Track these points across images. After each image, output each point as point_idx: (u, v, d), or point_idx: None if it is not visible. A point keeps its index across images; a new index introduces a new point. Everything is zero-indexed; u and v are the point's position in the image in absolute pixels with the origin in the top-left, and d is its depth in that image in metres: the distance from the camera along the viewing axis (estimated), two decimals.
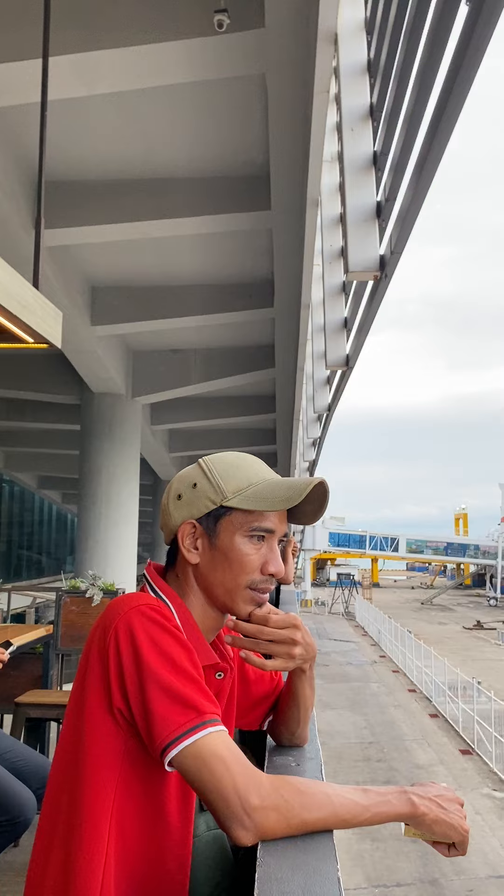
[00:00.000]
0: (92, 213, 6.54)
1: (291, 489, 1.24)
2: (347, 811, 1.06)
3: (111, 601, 1.20)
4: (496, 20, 1.78)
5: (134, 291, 8.65)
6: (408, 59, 2.86)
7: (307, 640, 1.30)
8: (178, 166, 6.42)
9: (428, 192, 2.93)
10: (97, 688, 1.11)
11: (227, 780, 1.02)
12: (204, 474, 1.29)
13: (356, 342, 5.70)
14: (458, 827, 1.12)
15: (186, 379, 10.66)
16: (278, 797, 1.03)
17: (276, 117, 4.99)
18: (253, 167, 6.24)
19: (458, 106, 2.27)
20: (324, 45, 3.54)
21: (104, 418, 10.49)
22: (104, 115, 5.62)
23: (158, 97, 5.33)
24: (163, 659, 1.09)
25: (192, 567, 1.29)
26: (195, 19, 4.35)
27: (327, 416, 10.40)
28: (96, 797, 1.09)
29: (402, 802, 1.10)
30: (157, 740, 1.05)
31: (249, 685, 1.46)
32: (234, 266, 8.20)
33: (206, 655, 1.25)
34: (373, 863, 14.16)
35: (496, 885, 13.79)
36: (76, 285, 8.03)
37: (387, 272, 3.61)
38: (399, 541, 77.87)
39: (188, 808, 1.17)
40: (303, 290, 6.44)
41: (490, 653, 39.67)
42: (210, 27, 4.19)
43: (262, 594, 1.27)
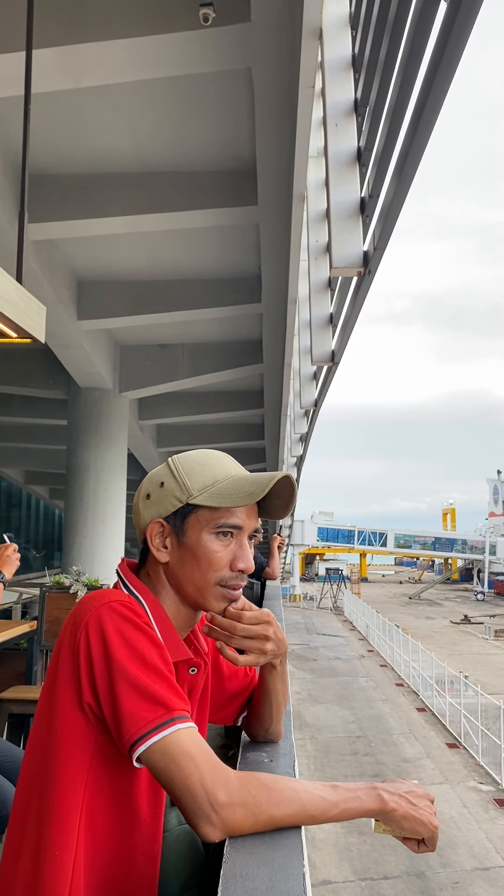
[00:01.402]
0: (78, 207, 6.50)
1: (255, 484, 1.25)
2: (316, 807, 1.06)
3: (83, 597, 1.20)
4: (474, 19, 1.79)
5: (121, 286, 8.62)
6: (390, 54, 2.86)
7: (279, 636, 1.30)
8: (164, 160, 6.39)
9: (410, 188, 2.93)
10: (67, 683, 1.11)
11: (195, 776, 1.02)
12: (171, 473, 1.30)
13: (341, 338, 5.71)
14: (428, 823, 1.13)
15: (174, 374, 10.63)
16: (246, 793, 1.03)
17: (263, 112, 4.98)
18: (240, 162, 6.23)
19: (439, 102, 2.27)
20: (309, 40, 3.54)
21: (91, 413, 10.44)
22: (91, 109, 5.59)
23: (145, 91, 5.31)
24: (132, 655, 1.09)
25: (163, 565, 1.29)
26: (181, 13, 4.33)
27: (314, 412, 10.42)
28: (66, 792, 1.09)
29: (371, 798, 1.10)
30: (126, 736, 1.06)
31: (223, 681, 1.47)
32: (221, 261, 8.19)
33: (178, 651, 1.25)
34: (360, 856, 14.25)
35: (482, 878, 13.92)
36: (63, 279, 7.99)
37: (370, 268, 3.61)
38: (387, 536, 78.18)
39: (158, 804, 1.18)
40: (289, 285, 6.44)
41: (477, 647, 39.95)
42: (196, 21, 4.17)
43: (232, 591, 1.28)
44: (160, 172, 6.48)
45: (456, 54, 1.96)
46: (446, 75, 2.10)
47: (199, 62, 4.71)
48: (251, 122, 5.37)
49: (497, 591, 72.27)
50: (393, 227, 3.33)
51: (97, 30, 4.45)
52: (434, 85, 2.18)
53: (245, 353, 10.42)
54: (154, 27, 4.43)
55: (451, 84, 2.12)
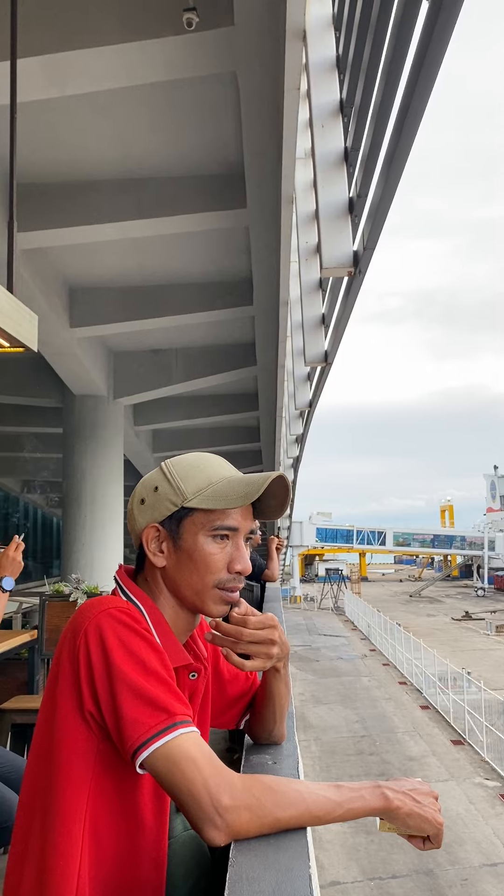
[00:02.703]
0: (68, 214, 6.50)
1: (250, 485, 1.25)
2: (320, 808, 1.06)
3: (81, 605, 1.19)
4: (455, 17, 1.79)
5: (113, 292, 8.62)
6: (374, 54, 2.87)
7: (283, 640, 1.31)
8: (153, 166, 6.39)
9: (397, 187, 2.94)
10: (68, 691, 1.11)
11: (199, 780, 1.02)
12: (165, 477, 1.29)
13: (334, 338, 5.72)
14: (433, 820, 1.13)
15: (168, 379, 10.63)
16: (250, 796, 1.03)
17: (249, 115, 4.99)
18: (228, 165, 6.24)
19: (423, 101, 2.28)
20: (292, 42, 3.55)
21: (86, 421, 10.44)
22: (78, 116, 5.59)
23: (132, 97, 5.31)
24: (132, 661, 1.09)
25: (160, 570, 1.29)
26: (165, 19, 4.34)
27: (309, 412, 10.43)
28: (70, 801, 1.09)
29: (375, 797, 1.10)
30: (128, 743, 1.05)
31: (225, 685, 1.46)
32: (212, 264, 8.19)
33: (178, 656, 1.25)
34: (368, 856, 14.24)
35: (490, 874, 13.92)
36: (54, 287, 7.99)
37: (360, 268, 3.62)
38: (386, 534, 78.18)
39: (163, 810, 1.17)
40: (281, 287, 6.45)
41: (479, 643, 39.97)
42: (180, 26, 4.17)
43: (230, 593, 1.28)
44: (149, 178, 6.48)
45: (439, 53, 1.97)
46: (430, 74, 2.11)
47: (184, 67, 4.72)
48: (238, 125, 5.38)
49: (497, 586, 72.34)
50: (382, 226, 3.34)
51: (81, 37, 4.45)
52: (418, 84, 2.18)
53: (238, 355, 10.43)
54: (138, 33, 4.44)
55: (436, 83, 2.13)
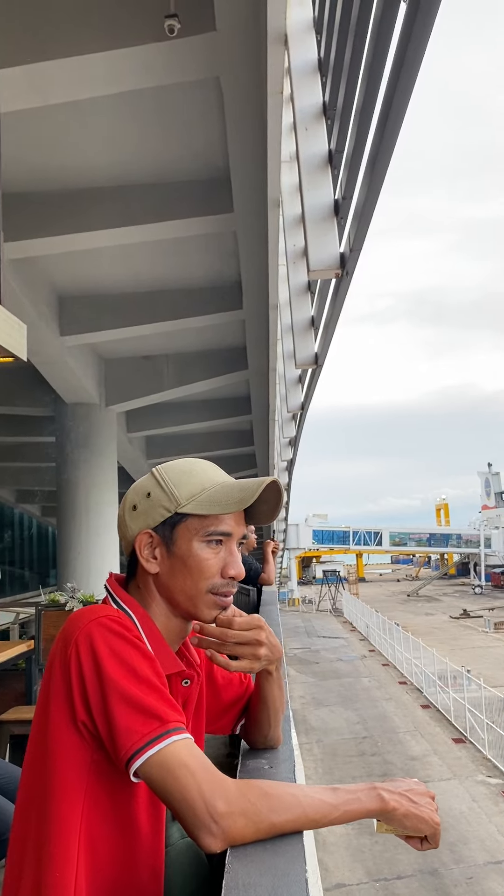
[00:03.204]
0: (55, 223, 6.49)
1: (244, 490, 1.25)
2: (316, 811, 1.06)
3: (72, 614, 1.19)
4: (433, 19, 1.80)
5: (102, 300, 8.61)
6: (355, 57, 2.88)
7: (272, 641, 1.30)
8: (139, 173, 6.39)
9: (381, 188, 2.95)
10: (60, 702, 1.10)
11: (193, 787, 1.02)
12: (157, 483, 1.29)
13: (324, 340, 5.72)
14: (430, 820, 1.13)
15: (160, 385, 10.62)
16: (245, 802, 1.02)
17: (233, 119, 5.00)
18: (214, 170, 6.24)
19: (404, 103, 2.29)
20: (274, 46, 3.55)
21: (79, 429, 10.41)
22: (62, 125, 5.59)
23: (116, 104, 5.31)
24: (124, 669, 1.09)
25: (153, 576, 1.29)
26: (146, 26, 4.34)
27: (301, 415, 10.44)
28: (65, 811, 1.09)
29: (371, 799, 1.10)
30: (122, 751, 1.05)
31: (219, 690, 1.46)
32: (201, 270, 8.19)
33: (170, 664, 1.25)
34: (373, 857, 14.23)
35: (495, 871, 13.92)
36: (43, 296, 7.97)
37: (347, 269, 3.62)
38: (382, 534, 78.27)
39: (158, 818, 1.17)
40: (270, 290, 6.45)
41: (478, 640, 40.03)
42: (161, 33, 4.18)
43: (224, 598, 1.28)
44: (135, 185, 6.48)
45: (418, 54, 1.98)
46: (410, 75, 2.12)
47: (167, 73, 4.72)
48: (223, 129, 5.38)
49: (494, 583, 72.50)
50: (367, 227, 3.35)
51: (63, 46, 4.45)
52: (399, 85, 2.19)
53: (230, 360, 10.43)
54: (120, 41, 4.44)
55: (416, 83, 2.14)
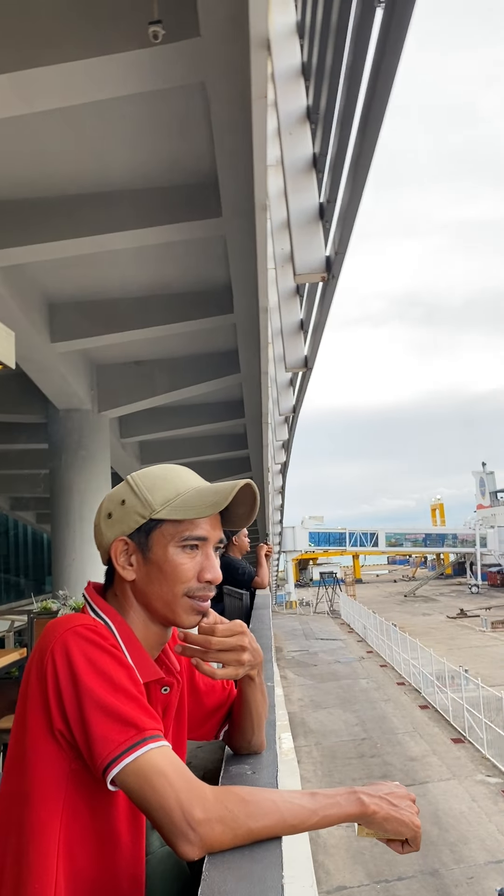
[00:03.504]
0: (44, 230, 6.49)
1: (219, 494, 1.25)
2: (295, 816, 1.06)
3: (47, 624, 1.19)
4: (407, 23, 1.81)
5: (93, 306, 8.60)
6: (336, 61, 2.89)
7: (254, 646, 1.30)
8: (128, 178, 6.40)
9: (364, 191, 2.96)
10: (38, 711, 1.10)
11: (170, 794, 1.02)
12: (131, 490, 1.29)
13: (313, 343, 5.73)
14: (410, 823, 1.13)
15: (152, 390, 10.62)
16: (223, 808, 1.03)
17: (219, 124, 5.00)
18: (202, 175, 6.25)
19: (383, 105, 2.29)
20: (257, 51, 3.56)
21: (72, 435, 10.40)
22: (48, 132, 5.59)
23: (103, 110, 5.31)
24: (100, 678, 1.09)
25: (130, 584, 1.29)
26: (131, 32, 4.34)
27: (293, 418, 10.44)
28: (43, 820, 1.08)
29: (350, 803, 1.10)
30: (98, 760, 1.05)
31: (201, 696, 1.46)
32: (191, 274, 8.20)
33: (149, 671, 1.25)
34: (373, 858, 14.22)
35: (496, 870, 13.93)
36: (33, 303, 7.97)
37: (333, 272, 3.63)
38: (378, 535, 78.36)
39: (138, 827, 1.17)
40: (259, 294, 6.45)
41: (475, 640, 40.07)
42: (146, 39, 4.18)
43: (201, 602, 1.28)
44: (124, 191, 6.49)
45: (394, 59, 1.98)
46: (387, 79, 2.13)
47: (152, 79, 4.73)
48: (209, 134, 5.39)
49: (491, 582, 72.61)
50: (351, 230, 3.36)
51: (48, 53, 4.45)
52: (377, 88, 2.20)
53: (221, 364, 10.43)
54: (105, 48, 4.45)
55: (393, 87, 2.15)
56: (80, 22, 4.46)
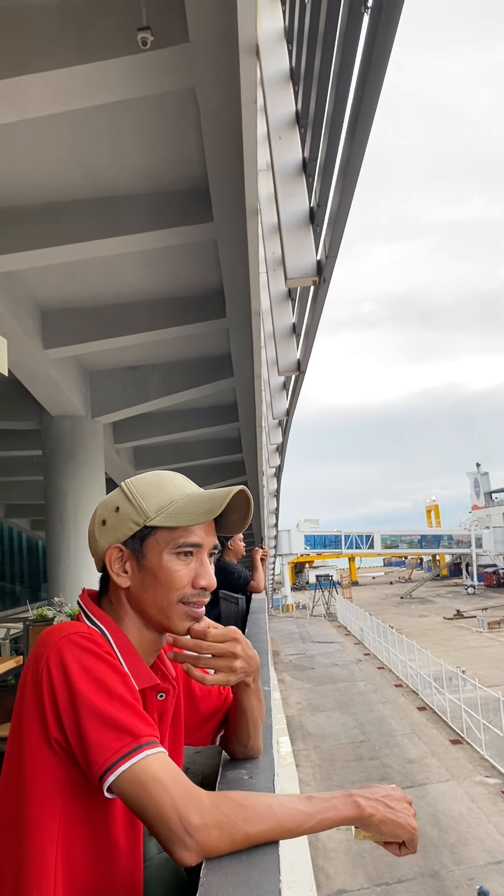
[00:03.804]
0: (36, 236, 6.48)
1: (213, 501, 1.26)
2: (291, 820, 1.06)
3: (42, 632, 1.19)
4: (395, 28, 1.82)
5: (85, 312, 8.59)
6: (324, 66, 2.90)
7: (248, 653, 1.30)
8: (118, 184, 6.40)
9: (354, 194, 2.97)
10: (34, 720, 1.10)
11: (167, 801, 1.02)
12: (125, 497, 1.29)
13: (305, 346, 5.74)
14: (406, 825, 1.13)
15: (146, 395, 10.61)
16: (219, 814, 1.03)
17: (210, 129, 5.01)
18: (193, 180, 6.26)
19: (372, 110, 2.30)
20: (246, 57, 3.58)
21: (65, 441, 10.37)
22: (40, 138, 5.59)
23: (93, 117, 5.32)
24: (95, 686, 1.09)
25: (124, 591, 1.29)
26: (120, 39, 4.36)
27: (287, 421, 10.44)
28: (41, 829, 1.08)
29: (347, 806, 1.10)
30: (95, 767, 1.05)
31: (197, 702, 1.46)
32: (183, 279, 8.21)
33: (144, 678, 1.25)
34: (373, 861, 14.20)
35: (496, 871, 13.93)
36: (26, 310, 7.96)
37: (325, 276, 3.64)
38: (374, 537, 78.39)
39: (136, 833, 1.17)
40: (252, 298, 6.47)
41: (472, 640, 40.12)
42: (135, 45, 4.19)
43: (196, 608, 1.28)
44: (115, 196, 6.49)
45: (381, 64, 1.99)
46: (375, 84, 2.14)
47: (142, 85, 4.74)
48: (200, 139, 5.40)
49: (487, 583, 72.74)
50: (342, 234, 3.36)
51: (38, 60, 4.46)
52: (365, 93, 2.21)
53: (215, 368, 10.43)
54: (94, 55, 4.45)
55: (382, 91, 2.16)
56: (70, 29, 4.47)
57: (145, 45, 4.16)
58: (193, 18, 4.01)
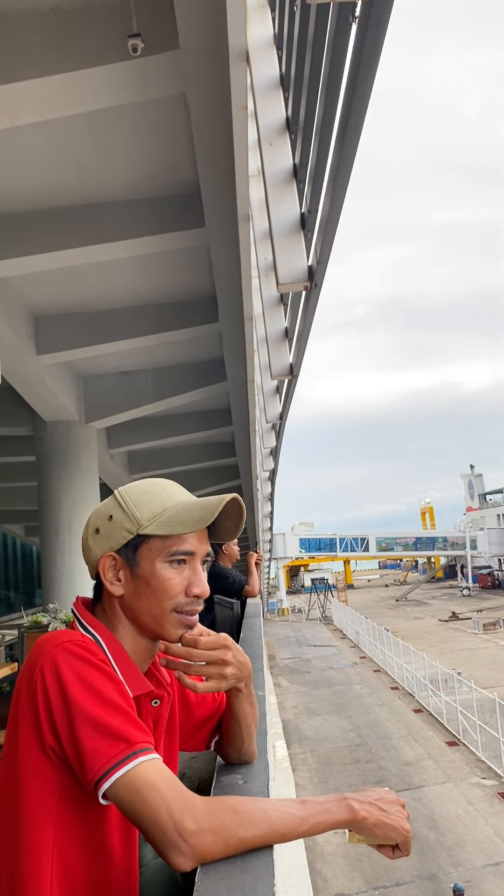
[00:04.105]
0: (28, 243, 6.49)
1: (205, 509, 1.26)
2: (285, 825, 1.07)
3: (37, 640, 1.19)
4: (383, 35, 1.84)
5: (78, 317, 8.60)
6: (313, 72, 2.92)
7: (239, 659, 1.31)
8: (110, 190, 6.41)
9: (344, 200, 2.98)
10: (28, 727, 1.11)
11: (161, 807, 1.02)
12: (119, 505, 1.30)
13: (298, 350, 5.75)
14: (400, 828, 1.13)
15: (139, 400, 10.61)
16: (214, 819, 1.03)
17: (201, 135, 5.03)
18: (185, 186, 6.28)
19: (361, 115, 2.32)
20: (236, 63, 3.59)
21: (59, 447, 10.36)
22: (32, 145, 5.59)
23: (84, 123, 5.33)
24: (89, 693, 1.09)
25: (118, 599, 1.29)
26: (110, 45, 4.37)
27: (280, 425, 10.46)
28: (36, 836, 1.09)
29: (341, 809, 1.11)
30: (90, 774, 1.05)
31: (191, 708, 1.47)
32: (176, 284, 8.22)
33: (139, 685, 1.25)
34: (371, 865, 14.18)
35: (493, 873, 13.93)
36: (19, 316, 7.95)
37: (316, 281, 3.65)
38: (369, 540, 78.43)
39: (131, 839, 1.17)
40: (244, 303, 6.48)
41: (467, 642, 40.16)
42: (125, 52, 4.21)
43: (189, 616, 1.28)
44: (107, 202, 6.50)
45: (370, 70, 2.01)
46: (364, 90, 2.15)
47: (133, 92, 4.75)
48: (191, 145, 5.42)
49: (482, 585, 72.82)
50: (332, 239, 3.38)
51: (28, 67, 4.47)
52: (354, 99, 2.23)
53: (208, 372, 10.44)
54: (85, 61, 4.47)
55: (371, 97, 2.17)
56: (60, 36, 4.48)
57: (136, 51, 4.18)
58: (183, 25, 4.03)
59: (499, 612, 49.72)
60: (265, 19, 3.89)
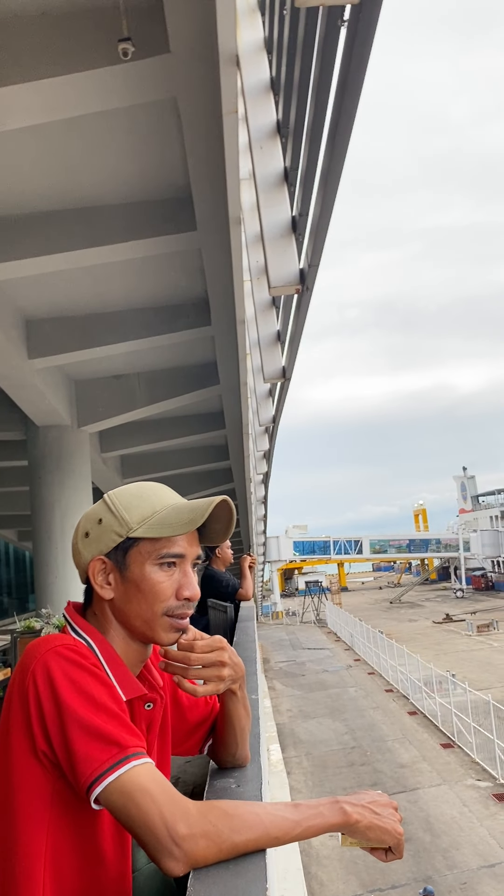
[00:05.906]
0: (20, 247, 6.48)
1: (195, 511, 1.26)
2: (278, 828, 1.06)
3: (28, 644, 1.19)
4: (371, 39, 1.85)
5: (70, 321, 8.58)
6: (303, 76, 2.93)
7: (234, 660, 1.31)
8: (103, 194, 6.41)
9: (335, 203, 2.99)
10: (20, 732, 1.10)
11: (154, 811, 1.02)
12: (108, 509, 1.29)
13: (290, 353, 5.76)
14: (392, 830, 1.13)
15: (132, 403, 10.59)
16: (206, 823, 1.03)
17: (192, 139, 5.04)
18: (177, 189, 6.28)
19: (351, 118, 2.33)
20: (227, 67, 3.60)
21: (52, 451, 10.33)
22: (23, 149, 5.59)
23: (75, 127, 5.33)
24: (81, 697, 1.09)
25: (108, 602, 1.29)
26: (101, 50, 4.37)
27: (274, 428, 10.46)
28: (29, 840, 1.08)
29: (333, 813, 1.10)
30: (82, 779, 1.05)
31: (184, 712, 1.46)
32: (168, 287, 8.22)
33: (131, 688, 1.25)
34: (366, 868, 14.16)
35: (488, 875, 13.93)
36: (10, 320, 7.93)
37: (307, 284, 3.66)
38: (362, 542, 78.51)
39: (124, 844, 1.17)
40: (236, 306, 6.48)
41: (461, 644, 40.21)
42: (116, 56, 4.21)
43: (180, 620, 1.28)
44: (98, 206, 6.50)
45: (359, 74, 2.02)
46: (354, 94, 2.16)
47: (123, 96, 4.76)
48: (183, 149, 5.42)
49: (475, 586, 72.98)
50: (323, 243, 3.39)
51: (18, 72, 4.46)
52: (344, 103, 2.23)
53: (201, 376, 10.44)
54: (75, 66, 4.47)
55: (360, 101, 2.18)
56: (50, 40, 4.47)
57: (126, 55, 4.18)
58: (174, 29, 4.04)
59: (492, 614, 49.84)
60: (255, 23, 3.89)
